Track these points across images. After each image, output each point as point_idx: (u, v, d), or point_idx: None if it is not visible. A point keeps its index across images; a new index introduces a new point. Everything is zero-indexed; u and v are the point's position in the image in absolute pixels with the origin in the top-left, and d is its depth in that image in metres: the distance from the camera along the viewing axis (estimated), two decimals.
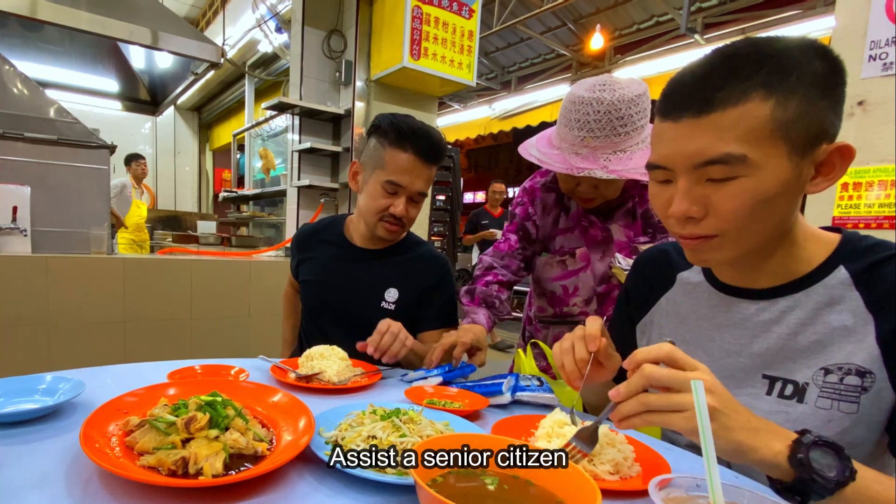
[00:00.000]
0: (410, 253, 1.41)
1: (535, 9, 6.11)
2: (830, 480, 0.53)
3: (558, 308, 1.37)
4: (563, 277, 1.34)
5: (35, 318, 2.14)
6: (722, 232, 0.67)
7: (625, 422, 0.60)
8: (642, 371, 0.59)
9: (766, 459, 0.56)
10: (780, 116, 0.60)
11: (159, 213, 6.36)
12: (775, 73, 0.60)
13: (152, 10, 3.14)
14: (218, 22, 6.58)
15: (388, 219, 1.28)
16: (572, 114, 1.14)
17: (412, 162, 1.23)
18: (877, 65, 1.67)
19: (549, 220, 1.38)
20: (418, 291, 1.37)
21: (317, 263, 1.44)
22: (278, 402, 0.78)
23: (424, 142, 1.23)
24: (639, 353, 0.60)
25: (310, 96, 3.52)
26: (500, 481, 0.54)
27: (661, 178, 0.70)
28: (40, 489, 0.53)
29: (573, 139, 1.15)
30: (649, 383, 0.58)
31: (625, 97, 1.10)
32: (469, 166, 21.05)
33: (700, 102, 0.63)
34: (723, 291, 0.80)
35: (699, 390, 0.53)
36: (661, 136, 0.68)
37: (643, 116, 1.13)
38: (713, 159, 0.63)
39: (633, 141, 1.12)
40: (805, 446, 0.55)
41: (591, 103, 1.11)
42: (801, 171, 0.64)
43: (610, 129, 1.11)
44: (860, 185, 1.72)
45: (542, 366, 1.40)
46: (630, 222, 1.28)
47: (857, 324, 0.67)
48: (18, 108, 2.27)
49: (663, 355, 0.59)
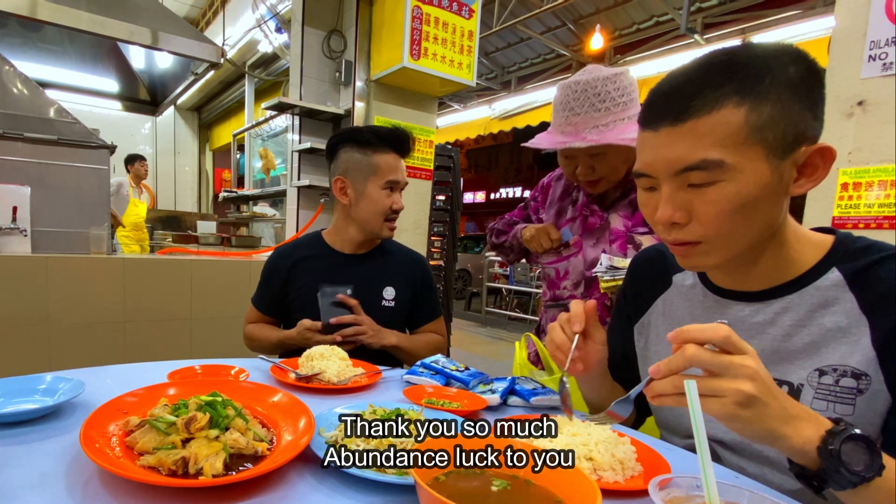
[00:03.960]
0: (393, 254, 1.54)
1: (535, 9, 6.11)
2: (857, 475, 0.53)
3: (552, 291, 1.44)
4: (556, 262, 1.41)
5: (35, 318, 2.14)
6: (705, 238, 0.67)
7: (657, 399, 0.59)
8: (684, 352, 0.56)
9: (796, 447, 0.56)
10: (754, 121, 0.62)
11: (159, 213, 6.37)
12: (748, 80, 0.62)
13: (152, 10, 3.14)
14: (218, 22, 6.58)
15: (391, 216, 1.42)
16: (558, 99, 1.27)
17: (398, 159, 1.42)
18: (877, 65, 1.67)
19: (554, 211, 1.46)
20: (411, 288, 1.50)
21: (306, 279, 1.44)
22: (278, 402, 0.78)
23: (402, 140, 1.42)
24: (690, 330, 0.57)
25: (310, 96, 3.52)
26: (499, 481, 0.54)
27: (647, 185, 0.72)
28: (40, 489, 0.53)
29: (560, 120, 1.26)
30: (690, 365, 0.57)
31: (600, 76, 1.21)
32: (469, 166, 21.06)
33: (676, 111, 0.64)
34: (716, 294, 0.80)
35: (692, 390, 0.52)
36: (643, 144, 0.70)
37: (623, 94, 1.21)
38: (691, 165, 0.64)
39: (615, 117, 1.21)
40: (838, 437, 0.54)
41: (571, 85, 1.24)
42: (782, 174, 0.65)
43: (588, 105, 1.21)
44: (860, 185, 1.72)
45: (532, 357, 1.47)
46: (630, 213, 1.31)
47: (852, 325, 0.68)
48: (18, 108, 2.27)
49: (719, 339, 0.56)
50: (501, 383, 1.00)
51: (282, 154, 5.28)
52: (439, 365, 1.08)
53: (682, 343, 0.57)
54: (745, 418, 0.55)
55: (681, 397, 0.55)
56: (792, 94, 0.62)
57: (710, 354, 0.56)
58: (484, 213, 21.22)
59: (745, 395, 0.54)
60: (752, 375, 0.54)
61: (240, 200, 5.48)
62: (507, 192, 19.83)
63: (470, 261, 10.24)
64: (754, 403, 0.54)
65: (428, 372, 1.07)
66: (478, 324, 7.93)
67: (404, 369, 1.19)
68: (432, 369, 1.08)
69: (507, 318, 7.85)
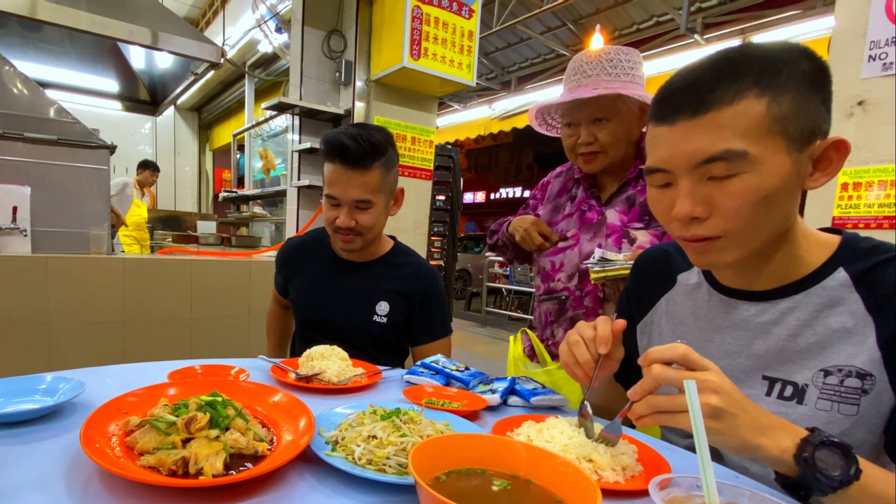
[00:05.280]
0: (398, 265, 1.41)
1: (535, 9, 6.11)
2: (834, 479, 0.54)
3: (547, 283, 1.42)
4: (552, 254, 1.40)
5: (35, 318, 2.14)
6: (726, 232, 0.66)
7: (639, 421, 0.61)
8: (650, 372, 0.60)
9: (773, 456, 0.57)
10: (775, 112, 0.62)
11: (159, 213, 6.38)
12: (765, 72, 0.62)
13: (152, 10, 3.14)
14: (218, 22, 6.58)
15: (340, 231, 1.28)
16: (570, 68, 1.29)
17: (340, 172, 1.23)
18: (877, 65, 1.67)
19: (551, 207, 1.45)
20: (408, 305, 1.38)
21: (305, 279, 1.43)
22: (278, 402, 0.78)
23: (348, 150, 1.20)
24: (652, 352, 0.61)
25: (310, 96, 3.52)
26: (500, 481, 0.54)
27: (661, 181, 0.70)
28: (40, 489, 0.53)
29: (571, 85, 1.28)
30: (658, 384, 0.59)
31: (616, 48, 1.24)
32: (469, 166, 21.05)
33: (695, 104, 0.64)
34: (722, 293, 0.80)
35: (692, 390, 0.53)
36: (656, 140, 0.69)
37: (633, 66, 1.24)
38: (714, 156, 0.63)
39: (623, 81, 1.23)
40: (812, 445, 0.55)
41: (584, 55, 1.28)
42: (800, 167, 0.65)
43: (600, 69, 1.23)
44: (860, 185, 1.72)
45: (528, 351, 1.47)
46: (626, 209, 1.31)
47: (857, 326, 0.67)
48: (18, 108, 2.27)
49: (678, 356, 0.59)
50: (501, 383, 1.00)
51: (282, 154, 5.28)
52: (439, 365, 1.08)
53: (649, 364, 0.61)
54: (717, 430, 0.57)
55: (658, 416, 0.59)
56: (808, 87, 0.62)
57: (675, 372, 0.59)
58: (484, 213, 21.21)
59: (711, 408, 0.56)
60: (716, 388, 0.57)
61: (240, 200, 5.48)
62: (507, 192, 19.83)
63: (470, 261, 10.24)
64: (722, 415, 0.56)
65: (428, 372, 1.07)
66: (478, 324, 7.93)
67: (404, 369, 1.19)
68: (432, 369, 1.08)
69: (507, 318, 7.85)
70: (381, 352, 1.38)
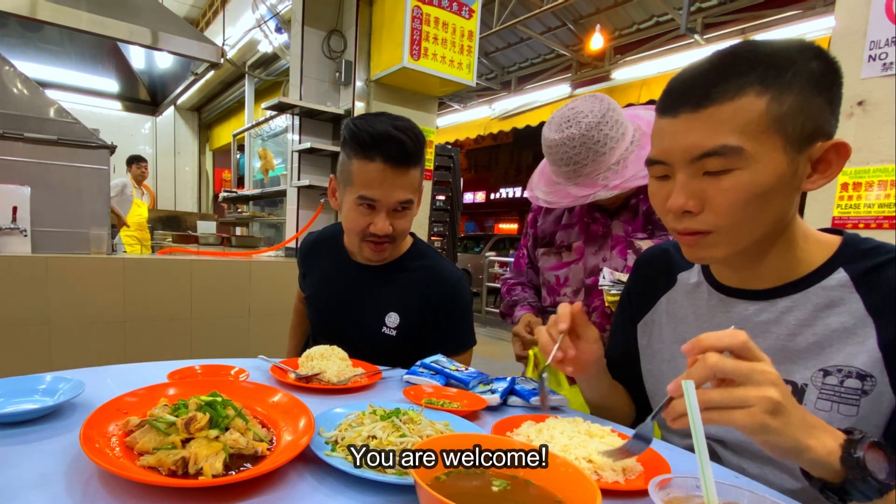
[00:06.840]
0: (414, 269, 1.24)
1: (535, 9, 6.12)
2: (882, 483, 0.51)
3: (552, 297, 1.42)
4: (556, 268, 1.39)
5: (35, 318, 2.14)
6: (716, 227, 0.67)
7: (679, 420, 0.53)
8: (706, 361, 0.53)
9: (820, 458, 0.53)
10: (775, 111, 0.62)
11: (159, 213, 6.38)
12: (771, 70, 0.62)
13: (152, 10, 3.14)
14: (218, 22, 6.59)
15: (371, 238, 1.13)
16: (555, 155, 1.22)
17: (382, 172, 1.06)
18: (877, 65, 1.67)
19: (551, 217, 1.44)
20: (422, 314, 1.22)
21: (316, 279, 1.36)
22: (278, 402, 0.78)
23: (393, 146, 1.05)
24: (706, 338, 0.55)
25: (310, 96, 3.52)
26: (499, 481, 0.54)
27: (660, 173, 0.71)
28: (40, 489, 0.53)
29: (567, 174, 1.23)
30: (714, 375, 0.53)
31: (591, 124, 1.16)
32: (469, 166, 21.06)
33: (697, 97, 0.64)
34: (722, 292, 0.80)
35: (690, 391, 0.51)
36: (660, 132, 0.70)
37: (617, 127, 1.18)
38: (709, 151, 0.63)
39: (621, 151, 1.18)
40: (860, 445, 0.52)
41: (565, 143, 1.18)
42: (797, 167, 0.65)
43: (593, 153, 1.17)
44: (860, 186, 1.72)
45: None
46: (630, 218, 1.30)
47: (857, 326, 0.67)
48: (18, 108, 2.27)
49: (738, 344, 0.53)
50: (501, 383, 1.00)
51: (282, 154, 5.28)
52: (439, 365, 1.08)
53: (700, 352, 0.54)
54: (774, 428, 0.52)
55: (708, 413, 0.52)
56: (813, 88, 0.62)
57: (734, 362, 0.53)
58: (484, 213, 21.22)
59: (773, 403, 0.51)
60: (776, 381, 0.52)
61: (240, 200, 5.48)
62: (507, 192, 19.84)
63: (470, 261, 10.25)
64: (781, 411, 0.52)
65: (428, 372, 1.07)
66: (478, 324, 7.88)
67: (404, 369, 1.19)
68: (432, 369, 1.08)
69: None
70: (393, 364, 1.23)
